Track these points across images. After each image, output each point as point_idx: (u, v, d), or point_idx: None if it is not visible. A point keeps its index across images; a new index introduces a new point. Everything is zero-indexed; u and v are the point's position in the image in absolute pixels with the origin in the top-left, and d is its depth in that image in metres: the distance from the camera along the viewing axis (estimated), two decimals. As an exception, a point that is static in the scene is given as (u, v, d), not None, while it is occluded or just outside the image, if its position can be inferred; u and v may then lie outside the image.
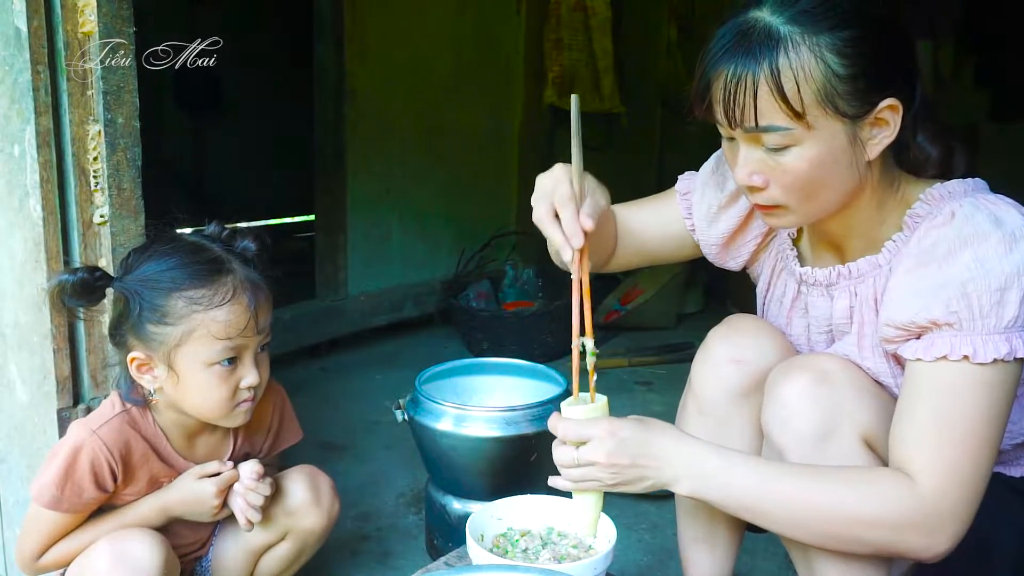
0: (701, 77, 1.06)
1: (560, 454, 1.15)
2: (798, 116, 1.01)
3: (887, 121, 1.04)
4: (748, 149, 1.08)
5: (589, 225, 1.09)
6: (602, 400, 1.17)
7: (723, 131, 1.11)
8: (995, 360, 0.99)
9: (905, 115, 1.05)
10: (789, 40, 1.00)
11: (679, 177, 1.42)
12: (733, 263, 1.39)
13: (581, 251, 1.11)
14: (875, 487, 1.04)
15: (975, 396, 1.01)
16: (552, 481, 1.19)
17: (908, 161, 1.16)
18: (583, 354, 1.14)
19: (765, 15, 1.02)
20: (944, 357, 1.01)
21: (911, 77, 1.08)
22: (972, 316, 1.00)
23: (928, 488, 1.01)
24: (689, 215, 1.39)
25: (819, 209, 1.12)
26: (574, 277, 1.13)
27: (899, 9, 1.07)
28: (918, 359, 1.04)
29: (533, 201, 1.15)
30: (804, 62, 0.99)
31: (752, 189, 1.11)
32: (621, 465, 1.10)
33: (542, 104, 4.12)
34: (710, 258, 1.40)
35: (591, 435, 1.12)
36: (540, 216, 1.13)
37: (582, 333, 1.15)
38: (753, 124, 1.03)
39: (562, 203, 1.11)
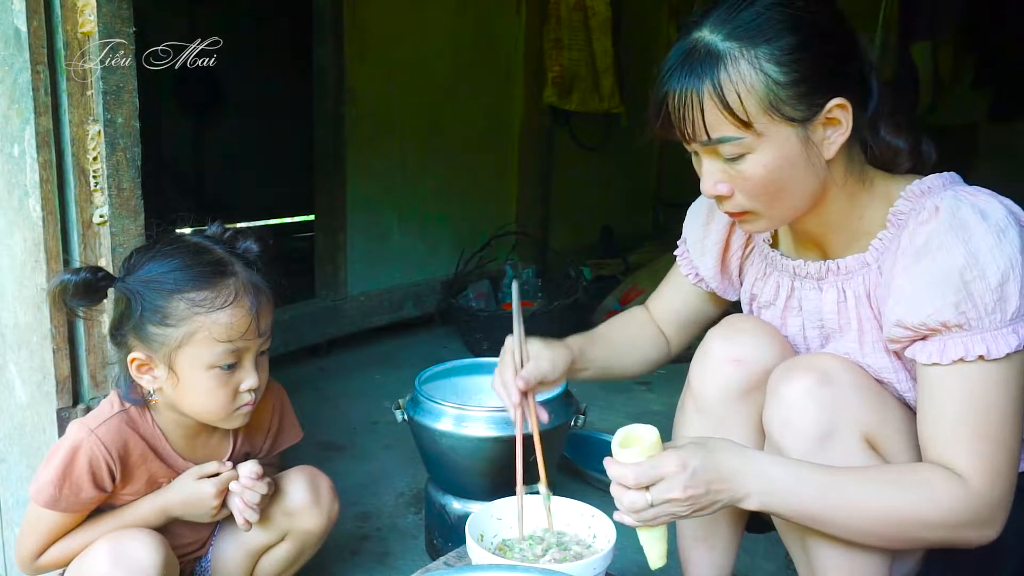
0: (654, 98, 1.11)
1: (631, 499, 1.09)
2: (746, 125, 1.05)
3: (839, 120, 1.08)
4: (709, 161, 1.13)
5: (521, 386, 1.29)
6: (654, 434, 1.12)
7: (686, 146, 1.15)
8: (1008, 354, 1.03)
9: (859, 112, 1.09)
10: (728, 56, 1.05)
11: (678, 243, 1.50)
12: (732, 289, 1.44)
13: (521, 409, 1.30)
14: (933, 492, 1.06)
15: (997, 391, 1.04)
16: (619, 518, 1.15)
17: (878, 157, 1.19)
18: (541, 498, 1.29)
19: (706, 34, 1.07)
20: (961, 359, 1.04)
21: (861, 74, 1.11)
22: (979, 315, 1.03)
23: (978, 487, 1.05)
24: (690, 269, 1.46)
25: (787, 210, 1.15)
26: (516, 432, 1.31)
27: (838, 11, 1.10)
28: (935, 363, 1.07)
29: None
30: (744, 75, 1.04)
31: (720, 198, 1.15)
32: (697, 495, 1.07)
33: (542, 104, 4.12)
34: (720, 293, 1.45)
35: (662, 474, 1.08)
36: (493, 383, 1.35)
37: (525, 482, 1.31)
38: (706, 137, 1.08)
39: (502, 368, 1.33)
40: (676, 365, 3.34)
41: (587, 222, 4.70)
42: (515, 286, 1.32)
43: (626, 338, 1.51)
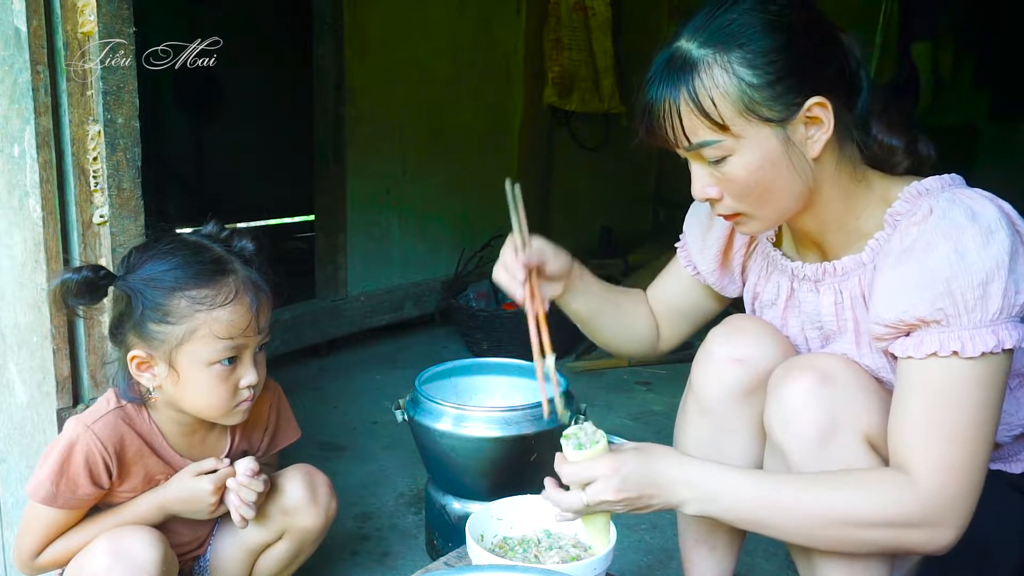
0: (637, 106, 1.15)
1: (567, 500, 1.17)
2: (722, 128, 1.07)
3: (820, 119, 1.08)
4: (696, 165, 1.15)
5: (524, 260, 1.26)
6: (601, 443, 1.18)
7: (676, 151, 1.17)
8: (983, 353, 1.02)
9: (843, 110, 1.10)
10: (702, 62, 1.07)
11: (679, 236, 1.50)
12: (733, 286, 1.44)
13: (530, 288, 1.26)
14: (874, 490, 1.06)
15: (967, 390, 1.03)
16: (560, 518, 1.23)
17: (874, 156, 1.19)
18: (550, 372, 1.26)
19: (683, 43, 1.10)
20: (934, 354, 1.04)
21: (841, 73, 1.11)
22: (958, 312, 1.02)
23: (925, 485, 1.03)
24: (688, 262, 1.46)
25: (776, 211, 1.16)
26: (528, 311, 1.27)
27: (817, 11, 1.11)
28: (909, 357, 1.06)
29: None
30: (717, 80, 1.06)
31: (711, 201, 1.17)
32: (631, 498, 1.13)
33: (542, 104, 4.12)
34: (719, 290, 1.45)
35: (596, 476, 1.14)
36: (495, 273, 1.31)
37: (543, 354, 1.27)
38: (687, 143, 1.11)
39: (503, 253, 1.30)
40: (677, 365, 3.35)
41: (587, 222, 4.70)
42: (509, 186, 1.26)
43: (625, 302, 1.50)
